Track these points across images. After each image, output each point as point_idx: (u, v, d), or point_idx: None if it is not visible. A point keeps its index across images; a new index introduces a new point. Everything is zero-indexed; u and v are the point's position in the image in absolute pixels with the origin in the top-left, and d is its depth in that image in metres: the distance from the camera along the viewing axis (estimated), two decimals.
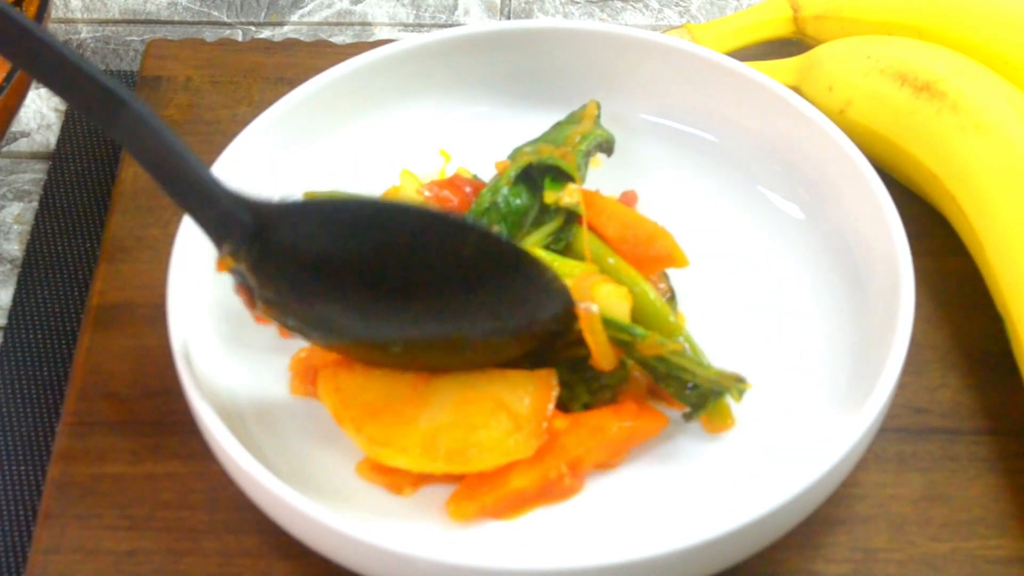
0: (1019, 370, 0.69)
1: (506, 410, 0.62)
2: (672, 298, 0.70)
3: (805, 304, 0.71)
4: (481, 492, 0.62)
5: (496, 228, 0.64)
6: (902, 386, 0.68)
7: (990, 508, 0.66)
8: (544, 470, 0.63)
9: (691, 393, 0.65)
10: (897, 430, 0.69)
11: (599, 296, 0.64)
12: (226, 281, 0.70)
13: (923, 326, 0.72)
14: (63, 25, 0.93)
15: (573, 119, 0.74)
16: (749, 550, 0.61)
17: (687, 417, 0.65)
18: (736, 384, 0.64)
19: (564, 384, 0.64)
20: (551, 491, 0.63)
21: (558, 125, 0.75)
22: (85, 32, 0.92)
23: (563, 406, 0.64)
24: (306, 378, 0.66)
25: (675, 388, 0.65)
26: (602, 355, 0.64)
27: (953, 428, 0.69)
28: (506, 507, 0.63)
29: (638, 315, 0.66)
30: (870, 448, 0.66)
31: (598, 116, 0.74)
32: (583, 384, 0.66)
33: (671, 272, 0.70)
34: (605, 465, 0.65)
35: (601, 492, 0.64)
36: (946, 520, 0.66)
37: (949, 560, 0.65)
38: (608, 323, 0.64)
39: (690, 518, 0.63)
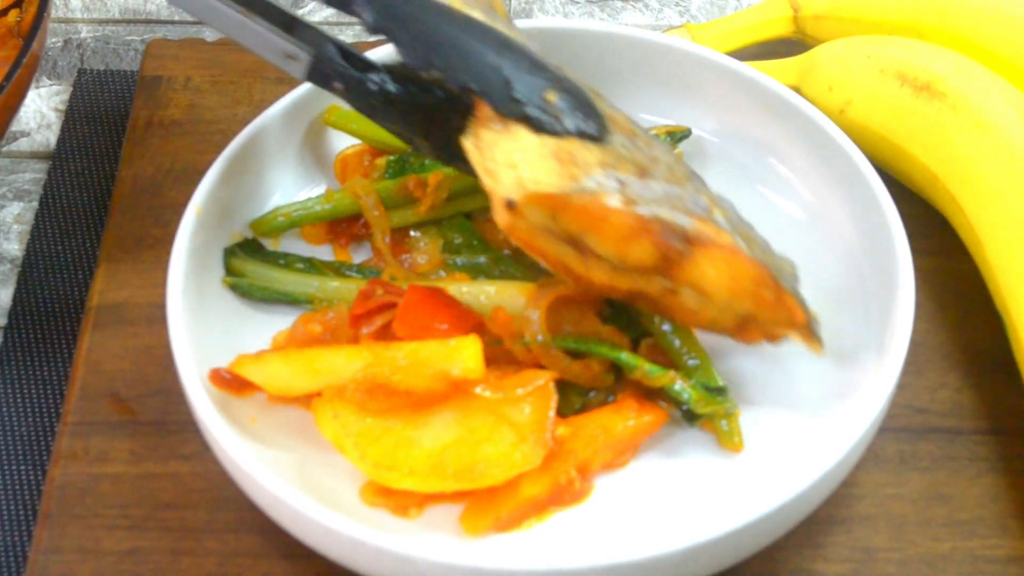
0: (1019, 370, 0.69)
1: (508, 423, 0.62)
2: None
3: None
4: (493, 505, 0.62)
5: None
6: (902, 386, 0.68)
7: (990, 508, 0.66)
8: (554, 476, 0.63)
9: (685, 411, 0.65)
10: (897, 430, 0.69)
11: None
12: (226, 281, 0.69)
13: (923, 326, 0.72)
14: (63, 25, 0.93)
15: None
16: (750, 549, 0.61)
17: (687, 420, 0.66)
18: (725, 415, 0.65)
19: (558, 389, 0.65)
20: (562, 496, 0.63)
21: None
22: (85, 32, 0.92)
23: (557, 411, 0.64)
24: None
25: (667, 401, 0.66)
26: (554, 367, 0.65)
27: (953, 428, 0.69)
28: (519, 517, 0.63)
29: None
30: (870, 448, 0.66)
31: None
32: (574, 388, 0.66)
33: None
34: (611, 465, 0.65)
35: (607, 493, 0.64)
36: (946, 520, 0.66)
37: (949, 560, 0.65)
38: (595, 344, 0.65)
39: (692, 517, 0.63)
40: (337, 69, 0.67)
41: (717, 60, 0.76)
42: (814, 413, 0.66)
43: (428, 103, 0.67)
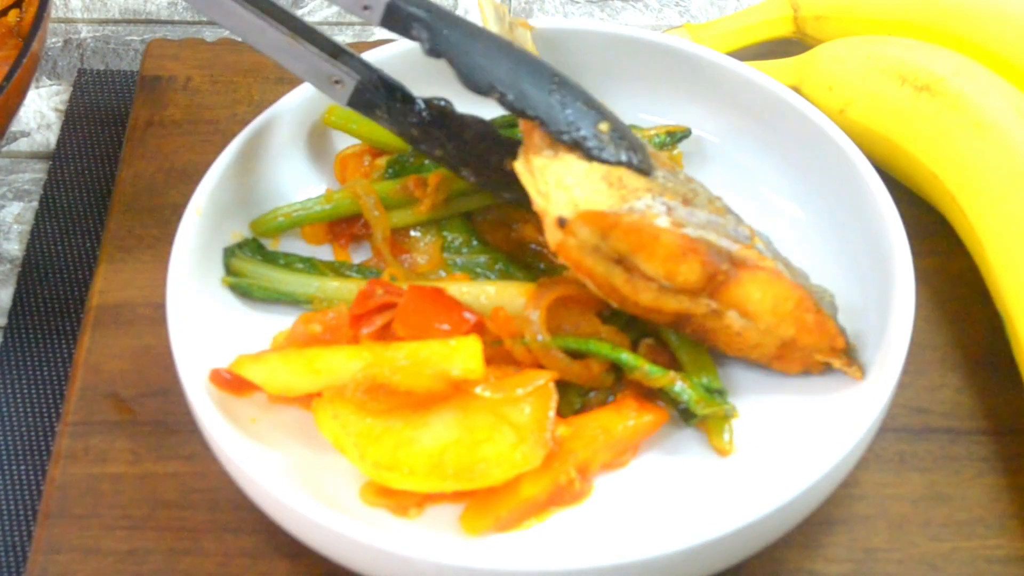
0: (1019, 370, 0.69)
1: (508, 423, 0.62)
2: None
3: None
4: (493, 505, 0.62)
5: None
6: (902, 386, 0.68)
7: (990, 508, 0.66)
8: (554, 476, 0.63)
9: (682, 411, 0.66)
10: (897, 430, 0.69)
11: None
12: (226, 281, 0.69)
13: (923, 326, 0.72)
14: (63, 25, 0.93)
15: None
16: (750, 550, 0.61)
17: (683, 419, 0.66)
18: (723, 417, 0.65)
19: (558, 389, 0.65)
20: (562, 496, 0.63)
21: None
22: (85, 32, 0.92)
23: (557, 411, 0.64)
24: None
25: (666, 401, 0.66)
26: (551, 365, 0.65)
27: (953, 428, 0.69)
28: (519, 517, 0.63)
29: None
30: (870, 448, 0.66)
31: None
32: (574, 388, 0.66)
33: None
34: (611, 465, 0.65)
35: (607, 493, 0.64)
36: (946, 520, 0.66)
37: (949, 560, 0.65)
38: (595, 344, 0.65)
39: (692, 518, 0.63)
40: (381, 96, 0.70)
41: (717, 60, 0.76)
42: (815, 413, 0.66)
43: (466, 137, 0.70)
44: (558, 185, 0.65)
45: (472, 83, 0.66)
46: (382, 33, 0.92)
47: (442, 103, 0.70)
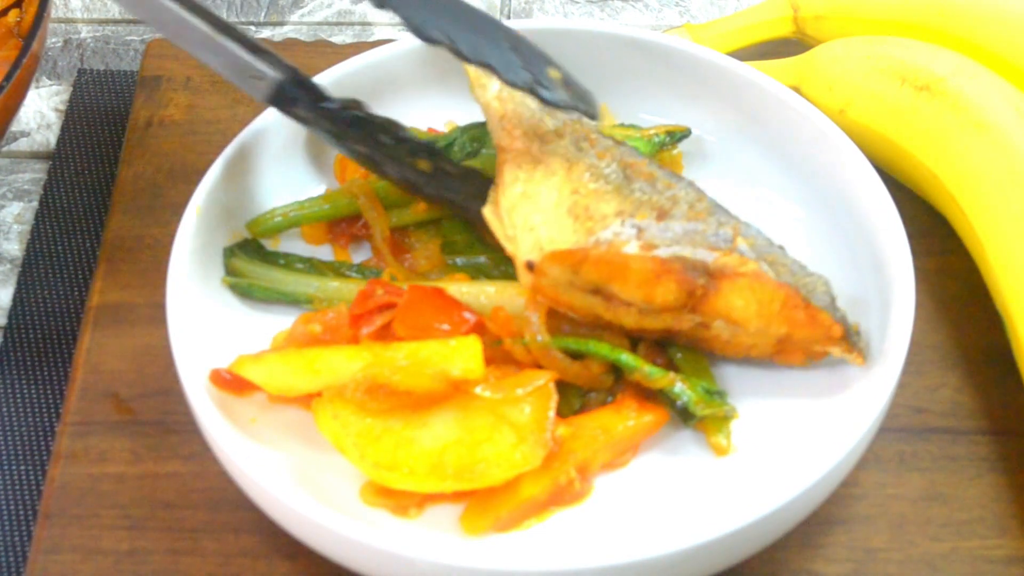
0: (1019, 370, 0.69)
1: (508, 423, 0.62)
2: None
3: None
4: (493, 505, 0.62)
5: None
6: (902, 386, 0.68)
7: (990, 508, 0.66)
8: (553, 476, 0.63)
9: (680, 411, 0.65)
10: (897, 430, 0.69)
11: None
12: (226, 281, 0.69)
13: (923, 326, 0.72)
14: (63, 25, 0.93)
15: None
16: (750, 550, 0.61)
17: (682, 419, 0.66)
18: (723, 418, 0.65)
19: (558, 389, 0.65)
20: (562, 496, 0.63)
21: None
22: (85, 32, 0.92)
23: (557, 411, 0.64)
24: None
25: (664, 402, 0.66)
26: (550, 366, 0.65)
27: (953, 428, 0.69)
28: (519, 517, 0.63)
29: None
30: (870, 448, 0.66)
31: None
32: (574, 388, 0.66)
33: None
34: (611, 465, 0.65)
35: (607, 493, 0.64)
36: (946, 520, 0.66)
37: (949, 560, 0.65)
38: (594, 345, 0.65)
39: (692, 518, 0.63)
40: (300, 95, 0.70)
41: (717, 60, 0.76)
42: (814, 413, 0.66)
43: (381, 140, 0.70)
44: (525, 227, 0.66)
45: (423, 33, 0.66)
46: (382, 33, 0.92)
47: (356, 104, 0.70)
